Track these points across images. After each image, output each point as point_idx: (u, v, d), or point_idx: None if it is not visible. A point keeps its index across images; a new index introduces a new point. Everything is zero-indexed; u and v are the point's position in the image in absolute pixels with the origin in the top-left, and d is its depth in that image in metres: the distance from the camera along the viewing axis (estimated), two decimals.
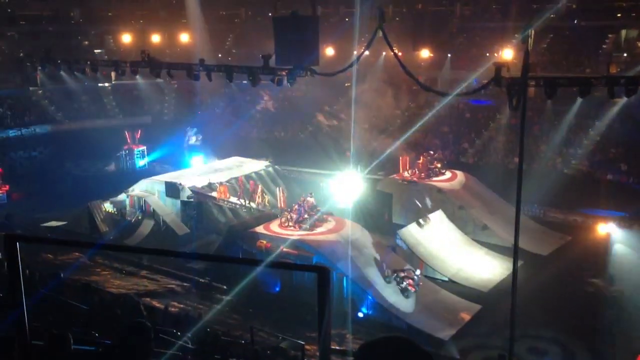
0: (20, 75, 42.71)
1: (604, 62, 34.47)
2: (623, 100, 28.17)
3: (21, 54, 42.44)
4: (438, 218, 26.62)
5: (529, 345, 18.37)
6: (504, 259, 24.08)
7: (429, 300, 21.56)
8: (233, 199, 28.58)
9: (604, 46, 37.40)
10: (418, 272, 22.02)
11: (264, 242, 22.75)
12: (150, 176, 32.15)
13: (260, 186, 28.94)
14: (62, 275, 15.84)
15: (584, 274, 22.33)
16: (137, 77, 37.84)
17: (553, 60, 38.31)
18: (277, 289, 22.55)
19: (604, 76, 16.17)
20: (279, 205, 27.34)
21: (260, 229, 23.73)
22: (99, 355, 5.01)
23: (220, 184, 29.32)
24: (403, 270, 21.80)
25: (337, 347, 16.55)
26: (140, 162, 39.23)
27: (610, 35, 37.42)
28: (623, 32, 37.03)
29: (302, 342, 14.78)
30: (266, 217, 25.47)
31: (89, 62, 27.88)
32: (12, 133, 40.06)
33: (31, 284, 11.91)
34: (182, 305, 21.08)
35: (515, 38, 37.23)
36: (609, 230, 25.59)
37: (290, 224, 23.56)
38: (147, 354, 3.15)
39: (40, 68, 32.93)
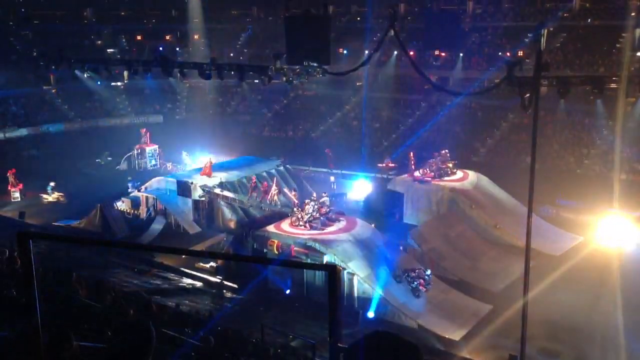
0: (34, 75, 43.04)
1: (618, 62, 34.27)
2: (637, 99, 27.99)
3: (35, 53, 42.79)
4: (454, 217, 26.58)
5: (541, 346, 18.27)
6: (515, 259, 23.93)
7: (439, 300, 21.50)
8: (244, 198, 28.62)
9: (618, 45, 37.09)
10: (429, 271, 21.96)
11: (275, 241, 22.78)
12: (162, 175, 32.36)
13: (276, 186, 28.98)
14: (74, 273, 15.93)
15: (596, 275, 22.13)
16: (149, 76, 38.17)
17: (566, 60, 38.06)
18: (288, 287, 22.57)
19: (618, 75, 16.02)
20: (292, 204, 27.39)
21: (271, 228, 23.76)
22: (105, 352, 5.04)
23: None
24: (414, 270, 21.74)
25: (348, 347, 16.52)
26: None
27: (624, 35, 37.11)
28: (637, 31, 36.69)
29: (313, 341, 14.79)
30: (277, 217, 25.50)
31: (101, 62, 28.04)
32: (25, 132, 40.38)
33: (44, 281, 12.00)
34: (193, 304, 21.15)
35: (527, 37, 37.14)
36: (622, 230, 25.38)
37: (301, 223, 23.57)
38: (146, 352, 3.17)
39: (53, 67, 33.16)
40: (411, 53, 36.37)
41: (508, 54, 38.93)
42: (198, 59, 36.69)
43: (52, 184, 33.24)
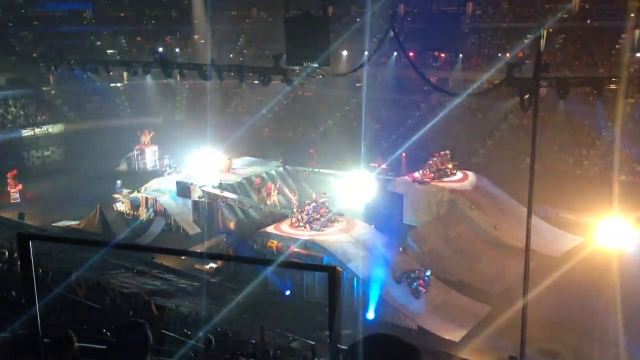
0: (34, 75, 43.05)
1: (617, 63, 34.31)
2: (636, 100, 27.94)
3: (34, 54, 42.79)
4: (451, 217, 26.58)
5: (540, 347, 18.26)
6: (515, 260, 23.92)
7: (439, 301, 21.49)
8: (243, 199, 28.63)
9: (617, 46, 37.13)
10: (429, 272, 21.95)
11: (275, 242, 22.78)
12: (161, 176, 32.37)
13: (275, 185, 28.99)
14: (73, 274, 15.93)
15: (596, 276, 22.12)
16: (149, 77, 38.19)
17: (566, 61, 38.10)
18: (288, 289, 22.58)
19: (618, 76, 16.04)
20: (292, 205, 27.40)
21: (270, 229, 23.77)
22: (104, 353, 5.04)
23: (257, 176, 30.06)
24: (414, 271, 21.74)
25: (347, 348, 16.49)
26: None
27: (623, 36, 37.14)
28: (636, 32, 36.73)
29: (313, 342, 14.78)
30: (277, 217, 25.50)
31: (101, 62, 28.07)
32: (25, 133, 40.38)
33: (44, 282, 12.01)
34: (192, 305, 21.14)
35: (527, 38, 37.17)
36: (622, 232, 25.34)
37: (301, 224, 23.58)
38: (143, 352, 3.17)
39: (53, 68, 33.18)
40: (410, 54, 36.38)
41: (507, 55, 38.94)
42: (198, 59, 36.73)
43: (118, 182, 33.49)
